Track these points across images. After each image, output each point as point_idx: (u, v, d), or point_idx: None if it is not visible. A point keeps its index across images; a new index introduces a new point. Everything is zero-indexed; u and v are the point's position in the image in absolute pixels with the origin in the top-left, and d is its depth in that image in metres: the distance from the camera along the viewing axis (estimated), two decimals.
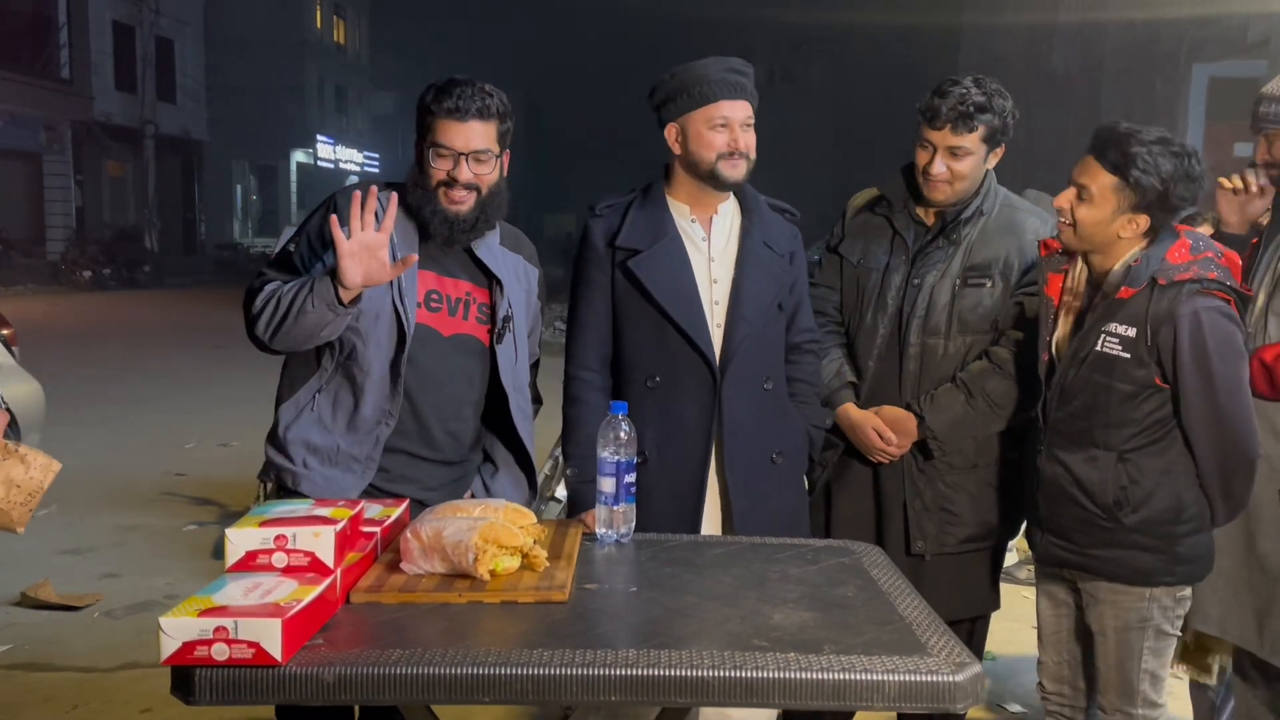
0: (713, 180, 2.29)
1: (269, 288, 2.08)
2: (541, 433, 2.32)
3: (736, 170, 2.28)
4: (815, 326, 2.52)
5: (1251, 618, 2.34)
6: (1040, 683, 2.38)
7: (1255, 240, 2.45)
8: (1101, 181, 2.09)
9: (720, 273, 2.35)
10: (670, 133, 2.32)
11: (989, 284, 2.47)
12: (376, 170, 41.68)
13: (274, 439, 2.19)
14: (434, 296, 2.17)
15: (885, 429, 2.47)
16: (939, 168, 2.42)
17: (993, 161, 2.49)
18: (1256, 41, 12.19)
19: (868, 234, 2.59)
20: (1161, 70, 13.68)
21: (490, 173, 2.14)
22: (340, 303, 1.98)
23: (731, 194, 2.38)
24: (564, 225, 35.94)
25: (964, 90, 2.40)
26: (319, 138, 39.73)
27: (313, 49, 38.51)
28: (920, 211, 2.54)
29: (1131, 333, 2.08)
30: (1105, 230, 2.11)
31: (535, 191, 47.49)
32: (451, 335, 2.19)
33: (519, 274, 2.31)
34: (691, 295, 2.30)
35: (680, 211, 2.37)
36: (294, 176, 38.60)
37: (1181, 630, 2.28)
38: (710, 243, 2.36)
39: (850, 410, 2.52)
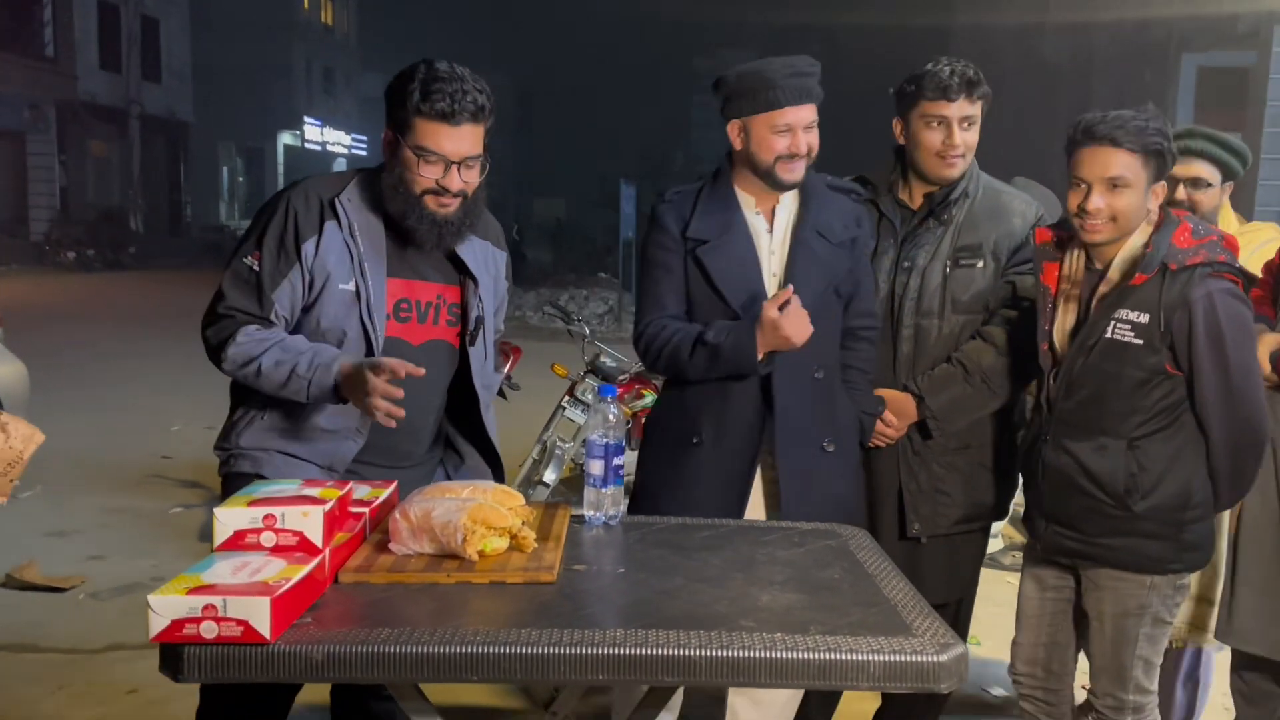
0: (769, 180, 2.32)
1: (244, 345, 2.00)
2: (529, 418, 2.36)
3: (794, 174, 2.31)
4: (874, 312, 2.49)
5: None
6: (1012, 664, 2.40)
7: None
8: (1131, 165, 2.07)
9: (780, 265, 2.37)
10: (733, 129, 2.33)
11: (980, 264, 2.48)
12: (364, 153, 41.42)
13: (225, 441, 2.16)
14: (403, 306, 2.09)
15: (885, 412, 2.48)
16: (959, 139, 2.42)
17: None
18: (1246, 33, 12.24)
19: None
20: (1151, 61, 13.73)
21: (478, 176, 2.05)
22: (337, 399, 1.96)
23: None
24: (553, 209, 35.86)
25: (954, 63, 2.44)
26: (306, 120, 39.46)
27: (300, 30, 38.21)
28: (904, 195, 2.55)
29: (1144, 319, 2.08)
30: (1142, 210, 2.11)
31: (524, 175, 47.35)
32: (421, 344, 2.11)
33: (488, 262, 2.23)
34: (754, 288, 2.32)
35: (746, 203, 2.38)
36: (281, 158, 38.35)
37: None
38: (772, 235, 2.38)
39: None
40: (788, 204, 2.39)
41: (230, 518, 1.58)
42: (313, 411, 2.06)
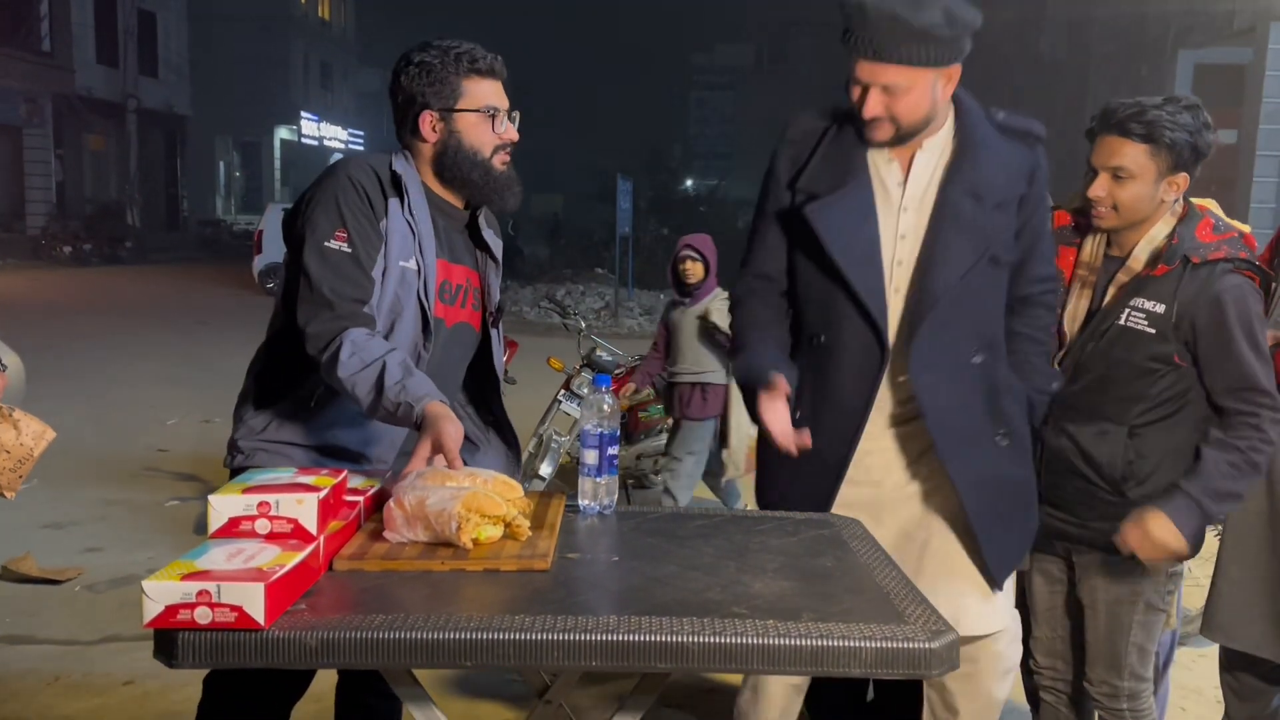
0: None
1: (349, 360, 1.84)
2: (525, 412, 2.36)
3: (873, 134, 2.01)
4: (1053, 275, 2.16)
5: (1271, 625, 2.32)
6: (1033, 657, 2.40)
7: None
8: (1136, 155, 2.08)
9: (910, 226, 2.04)
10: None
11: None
12: (361, 147, 41.40)
13: (260, 440, 2.02)
14: (446, 288, 2.09)
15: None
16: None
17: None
18: (1242, 29, 12.24)
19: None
20: (1148, 56, 13.74)
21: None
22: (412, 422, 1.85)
23: (949, 122, 2.04)
24: (551, 205, 35.83)
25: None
26: (303, 114, 39.44)
27: (298, 24, 38.18)
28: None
29: (1160, 309, 2.10)
30: (1150, 201, 2.12)
31: (521, 171, 47.30)
32: (454, 325, 2.12)
33: (496, 248, 2.24)
34: (870, 253, 2.02)
35: (879, 150, 2.05)
36: (278, 153, 38.32)
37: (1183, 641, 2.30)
38: (906, 189, 2.04)
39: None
40: (934, 150, 2.03)
41: (224, 505, 1.58)
42: None
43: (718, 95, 54.25)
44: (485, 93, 2.04)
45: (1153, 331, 2.10)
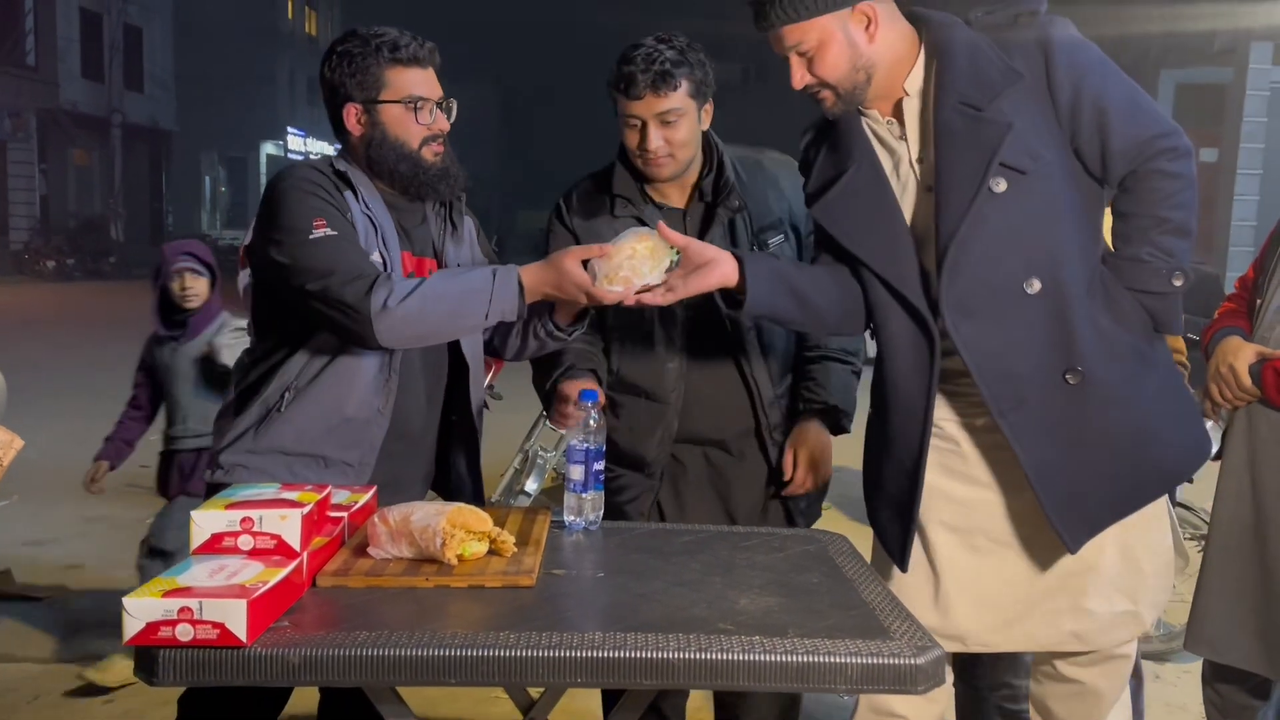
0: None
1: (393, 284, 1.83)
2: (511, 427, 2.35)
3: (821, 104, 1.89)
4: (1158, 133, 1.81)
5: (1258, 638, 2.32)
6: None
7: (1273, 231, 2.44)
8: None
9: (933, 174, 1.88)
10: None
11: (782, 238, 2.27)
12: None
13: (235, 451, 1.99)
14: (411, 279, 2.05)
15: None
16: (655, 141, 2.14)
17: (706, 120, 2.23)
18: (1223, 50, 12.38)
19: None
20: (1130, 76, 13.85)
21: (449, 120, 2.04)
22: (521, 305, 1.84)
23: (920, 55, 1.87)
24: (537, 221, 35.82)
25: (652, 50, 2.12)
26: (289, 130, 39.40)
27: (284, 40, 38.18)
28: (660, 196, 2.27)
29: None
30: None
31: (508, 187, 47.36)
32: None
33: (472, 243, 2.20)
34: (890, 230, 1.88)
35: (871, 115, 1.93)
36: (264, 168, 38.24)
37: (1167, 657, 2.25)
38: (908, 140, 1.90)
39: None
40: (915, 86, 1.87)
41: (207, 521, 1.57)
42: (341, 401, 1.97)
43: None
44: (410, 82, 1.97)
45: None
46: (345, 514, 1.81)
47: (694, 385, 2.29)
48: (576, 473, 1.95)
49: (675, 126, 2.14)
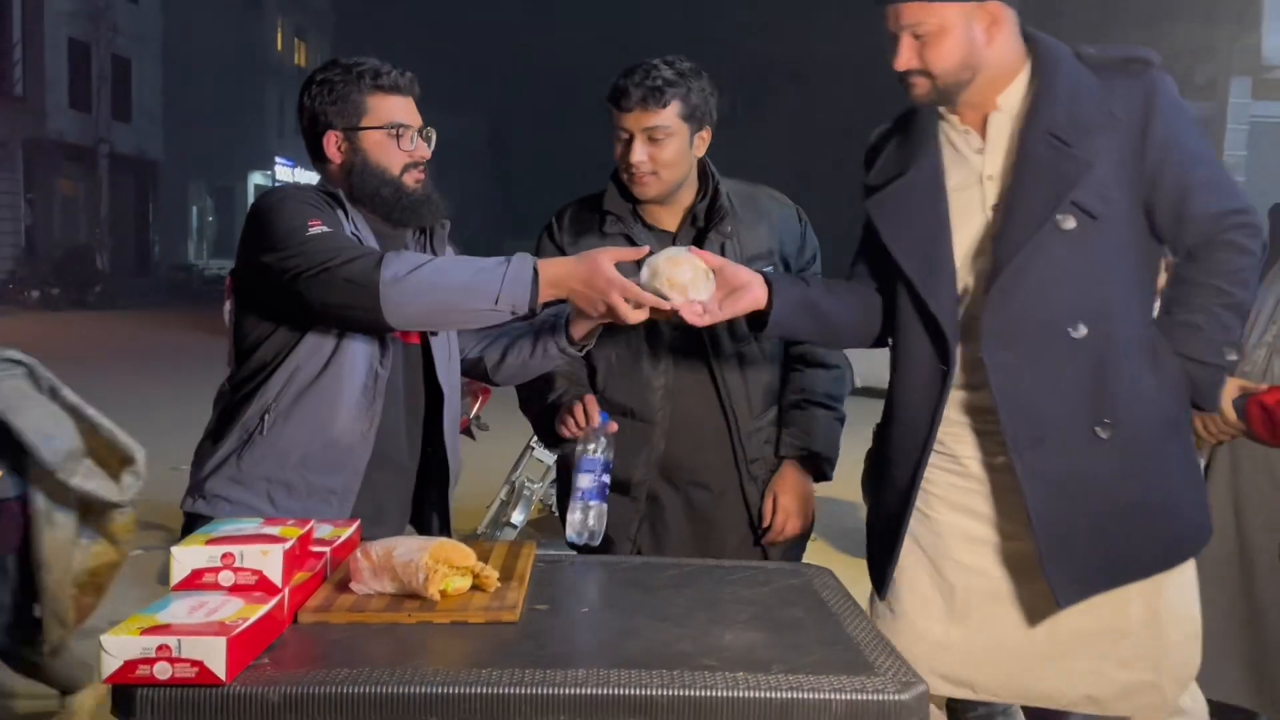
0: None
1: (400, 256, 1.80)
2: (497, 459, 2.34)
3: (911, 89, 1.86)
4: (1235, 208, 1.80)
5: (1244, 672, 2.31)
6: None
7: None
8: None
9: (998, 192, 1.85)
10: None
11: (771, 269, 2.25)
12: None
13: (217, 479, 1.96)
14: None
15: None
16: (639, 155, 2.16)
17: (700, 147, 2.25)
18: (1204, 84, 12.56)
19: None
20: None
21: (429, 148, 2.04)
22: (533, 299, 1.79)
23: (1024, 72, 1.84)
24: (524, 249, 35.90)
25: (651, 66, 2.17)
26: (277, 160, 39.47)
27: (273, 71, 38.34)
28: (651, 218, 2.29)
29: None
30: None
31: (496, 216, 47.46)
32: (407, 344, 2.06)
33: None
34: (935, 239, 1.84)
35: (951, 121, 1.90)
36: (251, 198, 38.25)
37: None
38: (986, 155, 1.86)
39: None
40: (1014, 98, 1.84)
41: (187, 557, 1.56)
42: (325, 424, 1.94)
43: None
44: (391, 109, 1.99)
45: None
46: (328, 549, 1.79)
47: (680, 407, 2.29)
48: (585, 481, 1.98)
49: (661, 145, 2.16)
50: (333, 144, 2.02)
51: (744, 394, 2.29)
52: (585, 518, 1.97)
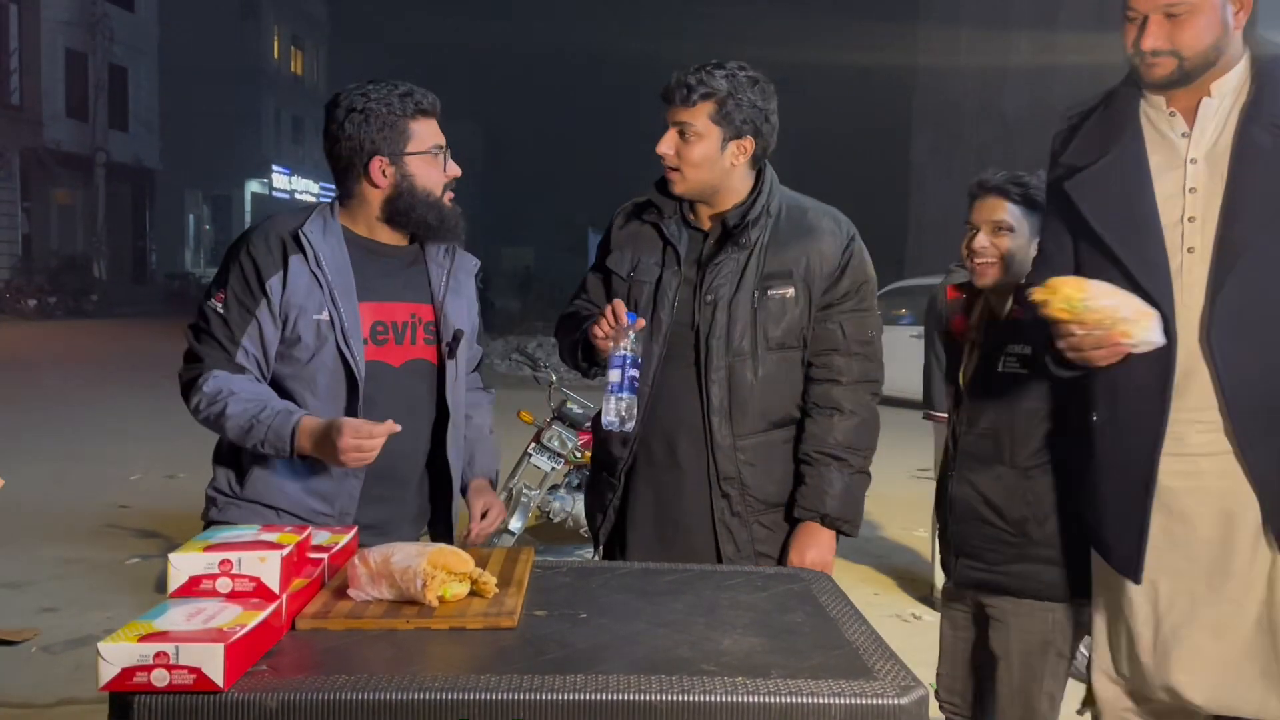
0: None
1: (208, 390, 1.99)
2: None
3: (1153, 71, 1.83)
4: None
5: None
6: (937, 690, 2.47)
7: None
8: (1018, 215, 2.24)
9: (1202, 178, 1.83)
10: None
11: (790, 291, 2.21)
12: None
13: (220, 499, 2.07)
14: (379, 329, 2.07)
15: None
16: (665, 147, 2.21)
17: (739, 156, 2.21)
18: None
19: (637, 244, 2.31)
20: None
21: None
22: (291, 452, 1.95)
23: (1243, 62, 1.84)
24: (522, 258, 35.97)
25: (700, 67, 2.21)
26: (274, 168, 39.48)
27: (270, 79, 38.36)
28: (693, 216, 2.29)
29: (1028, 350, 2.18)
30: (1028, 255, 2.24)
31: (492, 224, 47.49)
32: (402, 364, 2.10)
33: (466, 283, 2.21)
34: (1145, 222, 1.83)
35: (1154, 104, 1.88)
36: (248, 206, 38.26)
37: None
38: (1192, 139, 1.85)
39: None
40: (1226, 92, 1.83)
41: (185, 563, 1.56)
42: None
43: None
44: (431, 132, 2.07)
45: (1026, 373, 2.18)
46: (325, 555, 1.79)
47: (665, 402, 2.26)
48: (614, 375, 2.07)
49: (689, 143, 2.20)
50: (378, 169, 2.04)
51: (725, 416, 2.21)
52: (618, 407, 2.08)
